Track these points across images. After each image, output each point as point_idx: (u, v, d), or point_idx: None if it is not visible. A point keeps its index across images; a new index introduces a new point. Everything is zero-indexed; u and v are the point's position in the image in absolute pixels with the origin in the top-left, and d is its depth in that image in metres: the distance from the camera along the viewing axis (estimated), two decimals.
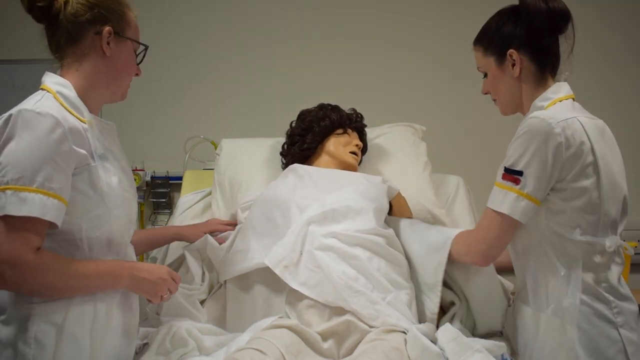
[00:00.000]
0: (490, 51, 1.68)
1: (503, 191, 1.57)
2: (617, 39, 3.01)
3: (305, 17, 3.09)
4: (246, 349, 1.50)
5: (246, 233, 1.89)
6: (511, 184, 1.55)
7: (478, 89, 1.80)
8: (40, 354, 1.35)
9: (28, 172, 1.32)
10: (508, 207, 1.55)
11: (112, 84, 1.54)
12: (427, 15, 3.06)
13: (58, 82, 1.46)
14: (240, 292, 1.84)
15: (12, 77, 3.03)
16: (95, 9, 1.47)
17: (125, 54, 1.53)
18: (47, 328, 1.37)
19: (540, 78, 1.64)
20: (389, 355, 1.51)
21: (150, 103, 3.05)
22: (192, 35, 3.09)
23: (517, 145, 1.55)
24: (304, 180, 2.03)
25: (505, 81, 1.67)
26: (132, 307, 1.57)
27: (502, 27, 1.65)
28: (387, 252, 1.81)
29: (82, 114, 1.46)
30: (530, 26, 1.61)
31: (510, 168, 1.55)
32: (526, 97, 1.65)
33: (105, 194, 1.44)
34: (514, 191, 1.55)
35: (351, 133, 2.25)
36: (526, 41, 1.62)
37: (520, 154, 1.54)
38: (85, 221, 1.42)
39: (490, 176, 2.96)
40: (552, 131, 1.50)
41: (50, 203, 1.33)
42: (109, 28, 1.48)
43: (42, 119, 1.35)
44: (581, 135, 1.53)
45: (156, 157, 3.05)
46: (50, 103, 1.40)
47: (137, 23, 1.57)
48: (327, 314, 1.66)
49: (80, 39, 1.48)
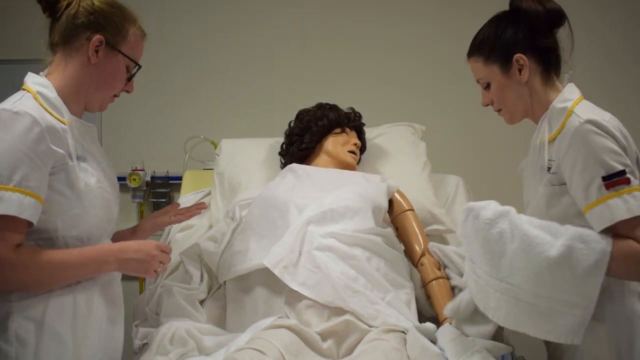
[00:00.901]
0: (493, 59, 1.63)
1: (622, 197, 1.39)
2: (617, 38, 3.01)
3: (305, 17, 3.09)
4: (246, 349, 1.50)
5: (245, 234, 1.89)
6: (622, 186, 1.40)
7: (478, 89, 1.78)
8: (22, 351, 1.36)
9: (5, 171, 1.33)
10: (638, 207, 1.39)
11: (92, 93, 1.54)
12: (427, 15, 3.06)
13: (39, 82, 1.48)
14: (240, 292, 1.84)
15: (12, 77, 3.01)
16: (93, 15, 1.49)
17: (113, 66, 1.53)
18: (27, 324, 1.37)
19: (547, 79, 1.61)
20: (389, 355, 1.51)
21: (150, 103, 3.05)
22: (192, 35, 3.09)
23: (594, 152, 1.42)
24: (302, 180, 2.03)
25: (514, 88, 1.62)
26: (114, 295, 1.57)
27: (502, 33, 1.62)
28: (386, 252, 1.81)
29: (62, 114, 1.46)
30: (531, 28, 1.59)
31: (610, 174, 1.41)
32: (537, 100, 1.61)
33: (82, 193, 1.45)
34: (634, 189, 1.40)
35: (349, 132, 2.25)
36: (530, 44, 1.59)
37: (606, 158, 1.41)
38: (61, 220, 1.43)
39: (490, 176, 3.00)
40: (606, 126, 1.43)
41: (27, 202, 1.34)
42: (100, 37, 1.49)
43: (20, 118, 1.35)
44: (624, 131, 1.49)
45: (156, 157, 3.05)
46: (29, 103, 1.41)
47: (140, 42, 1.57)
48: (327, 314, 1.66)
49: (71, 40, 1.49)
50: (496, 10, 1.70)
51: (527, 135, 3.16)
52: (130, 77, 1.58)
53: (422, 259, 1.93)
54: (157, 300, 1.84)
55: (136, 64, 1.57)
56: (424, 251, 1.96)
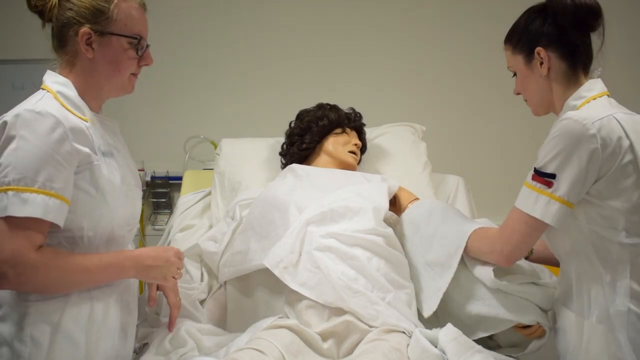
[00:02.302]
0: (519, 50, 1.62)
1: (534, 193, 1.50)
2: None
3: (306, 17, 3.09)
4: (246, 349, 1.50)
5: (245, 234, 1.89)
6: (543, 186, 1.49)
7: (478, 89, 1.79)
8: (35, 352, 1.35)
9: (29, 173, 1.32)
10: (540, 211, 1.49)
11: (106, 84, 1.51)
12: (427, 16, 3.06)
13: (58, 81, 1.46)
14: (240, 293, 1.84)
15: (12, 77, 3.03)
16: (71, 10, 1.45)
17: (112, 51, 1.47)
18: (43, 327, 1.37)
19: (571, 76, 1.58)
20: (389, 355, 1.51)
21: (150, 103, 3.05)
22: (192, 35, 3.09)
23: (551, 147, 1.48)
24: (302, 180, 2.03)
25: (535, 80, 1.61)
26: (129, 306, 1.57)
27: (530, 24, 1.60)
28: (386, 252, 1.81)
29: (84, 112, 1.45)
30: (557, 23, 1.56)
31: (542, 170, 1.49)
32: (557, 96, 1.60)
33: (107, 192, 1.44)
34: (546, 194, 1.48)
35: (350, 132, 2.25)
36: (554, 39, 1.56)
37: (553, 156, 1.47)
38: (87, 220, 1.42)
39: (490, 176, 3.01)
40: (586, 133, 1.43)
41: (52, 203, 1.33)
42: (85, 29, 1.44)
43: (43, 119, 1.34)
44: (619, 132, 1.46)
45: (156, 157, 3.05)
46: (51, 102, 1.40)
47: (132, 13, 1.48)
48: (327, 314, 1.66)
49: (65, 42, 1.47)
50: (496, 11, 1.70)
51: (527, 135, 3.17)
52: (138, 51, 1.51)
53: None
54: (157, 300, 1.84)
55: (135, 37, 1.48)
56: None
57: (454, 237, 1.75)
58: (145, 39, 1.53)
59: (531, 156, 1.57)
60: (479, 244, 1.69)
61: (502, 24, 1.70)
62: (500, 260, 1.62)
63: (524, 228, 1.54)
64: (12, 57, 3.02)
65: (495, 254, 1.62)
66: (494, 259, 1.64)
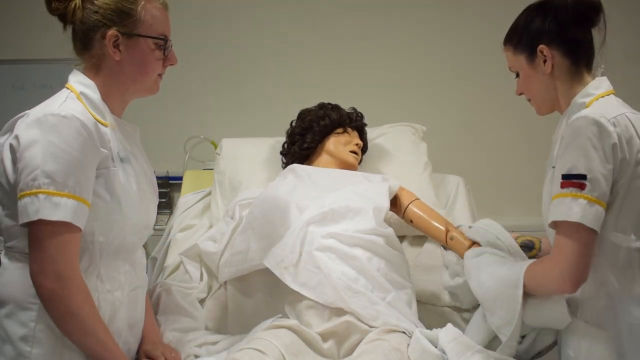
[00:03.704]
0: (520, 49, 1.60)
1: (567, 199, 1.39)
2: None
3: (306, 17, 3.09)
4: (246, 349, 1.50)
5: (246, 234, 1.89)
6: (575, 189, 1.39)
7: (478, 89, 1.79)
8: (39, 352, 1.35)
9: (59, 177, 1.31)
10: (581, 215, 1.38)
11: (132, 85, 1.50)
12: (428, 16, 3.06)
13: (83, 82, 1.45)
14: (241, 293, 1.84)
15: (12, 77, 3.03)
16: (97, 13, 1.43)
17: (139, 53, 1.46)
18: (48, 327, 1.36)
19: (575, 73, 1.56)
20: (389, 355, 1.51)
21: (150, 103, 3.03)
22: (192, 35, 3.08)
23: (573, 149, 1.41)
24: (303, 180, 2.03)
25: (538, 79, 1.59)
26: (137, 303, 1.56)
27: (530, 23, 1.58)
28: (386, 252, 1.81)
29: (104, 116, 1.45)
30: (558, 20, 1.54)
31: (571, 173, 1.40)
32: (562, 94, 1.57)
33: (122, 199, 1.43)
34: (582, 197, 1.38)
35: (351, 132, 2.25)
36: (556, 35, 1.54)
37: (578, 157, 1.40)
38: (99, 226, 1.40)
39: (490, 176, 3.01)
40: (606, 129, 1.40)
41: (81, 208, 1.33)
42: (113, 32, 1.43)
43: (68, 122, 1.34)
44: (631, 131, 1.43)
45: (156, 157, 3.04)
46: (75, 105, 1.39)
47: (157, 14, 1.47)
48: (327, 314, 1.66)
49: (90, 45, 1.45)
50: (495, 11, 1.69)
51: (527, 135, 3.17)
52: (165, 51, 1.51)
53: (450, 234, 1.94)
54: (156, 300, 1.84)
55: (161, 38, 1.48)
56: (447, 227, 1.97)
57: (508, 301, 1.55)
58: (170, 39, 1.52)
59: (531, 156, 1.56)
60: (533, 281, 1.50)
61: (501, 24, 1.69)
62: (565, 286, 1.43)
63: (574, 240, 1.40)
64: (12, 57, 3.02)
65: (555, 281, 1.44)
66: (557, 287, 1.46)
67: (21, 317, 1.36)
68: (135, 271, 1.55)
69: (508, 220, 2.95)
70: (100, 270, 1.44)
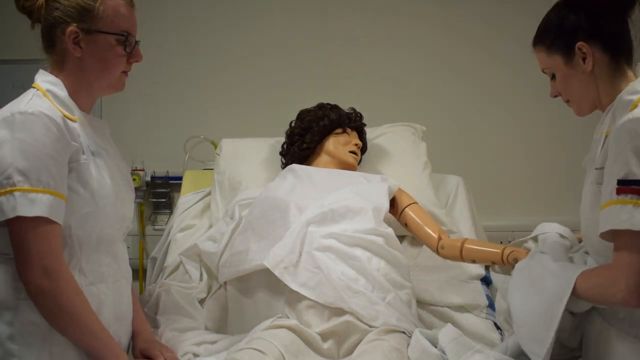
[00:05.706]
0: (555, 49, 1.51)
1: (628, 207, 1.29)
2: None
3: (306, 17, 3.09)
4: (246, 349, 1.51)
5: (245, 234, 1.89)
6: (636, 197, 1.29)
7: (478, 89, 1.77)
8: (26, 351, 1.35)
9: (32, 173, 1.32)
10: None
11: (96, 82, 1.50)
12: (427, 15, 3.06)
13: (49, 80, 1.46)
14: (240, 293, 1.84)
15: (12, 77, 3.03)
16: (59, 9, 1.44)
17: (100, 49, 1.46)
18: (34, 325, 1.36)
19: (616, 69, 1.47)
20: (389, 355, 1.51)
21: (150, 103, 3.05)
22: (192, 34, 3.08)
23: (628, 153, 1.30)
24: (302, 180, 2.04)
25: (578, 78, 1.49)
26: (122, 295, 1.56)
27: (564, 20, 1.49)
28: (386, 252, 1.81)
29: (72, 112, 1.45)
30: (592, 14, 1.46)
31: (629, 179, 1.30)
32: (604, 91, 1.48)
33: (95, 191, 1.44)
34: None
35: (350, 132, 2.25)
36: (594, 30, 1.45)
37: (631, 162, 1.29)
38: (75, 219, 1.41)
39: (490, 176, 3.00)
40: None
41: (57, 203, 1.34)
42: (72, 28, 1.43)
43: (36, 119, 1.35)
44: None
45: (156, 157, 3.05)
46: (41, 102, 1.40)
47: (118, 9, 1.47)
48: (327, 314, 1.66)
49: (53, 42, 1.47)
50: (496, 10, 1.67)
51: (527, 135, 3.16)
52: (127, 47, 1.49)
53: (441, 242, 1.93)
54: (156, 300, 1.85)
55: (122, 34, 1.47)
56: (440, 234, 1.96)
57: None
58: (133, 36, 1.51)
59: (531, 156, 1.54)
60: (593, 291, 1.39)
61: (501, 24, 1.68)
62: (631, 298, 1.31)
63: (638, 252, 1.30)
64: (12, 57, 3.02)
65: (621, 293, 1.31)
66: (623, 299, 1.33)
67: (6, 316, 1.36)
68: (118, 263, 1.55)
69: (508, 220, 2.97)
70: (82, 264, 1.44)
